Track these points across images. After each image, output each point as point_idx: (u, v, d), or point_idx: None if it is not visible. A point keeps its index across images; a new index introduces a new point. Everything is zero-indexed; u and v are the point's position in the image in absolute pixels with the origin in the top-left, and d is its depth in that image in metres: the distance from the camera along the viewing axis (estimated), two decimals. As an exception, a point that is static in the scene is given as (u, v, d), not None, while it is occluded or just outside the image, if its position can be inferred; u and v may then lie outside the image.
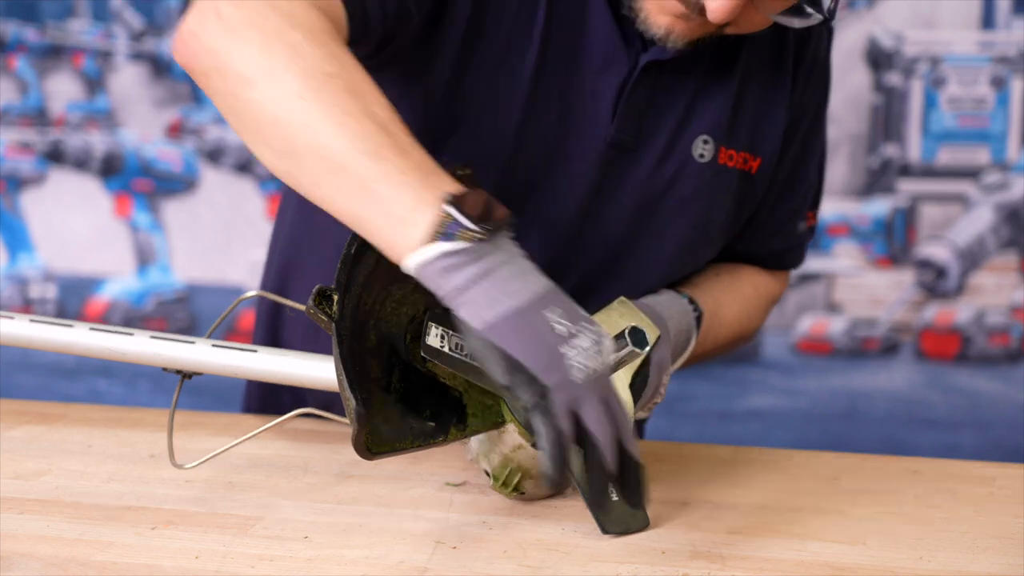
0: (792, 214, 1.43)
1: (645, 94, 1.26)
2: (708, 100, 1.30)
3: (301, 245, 1.38)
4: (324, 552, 1.03)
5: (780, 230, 1.43)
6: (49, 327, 1.18)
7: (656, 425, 1.47)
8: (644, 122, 1.27)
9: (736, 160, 1.32)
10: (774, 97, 1.34)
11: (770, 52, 1.33)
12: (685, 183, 1.30)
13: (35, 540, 1.04)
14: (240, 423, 1.37)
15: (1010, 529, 1.09)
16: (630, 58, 1.25)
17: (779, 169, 1.37)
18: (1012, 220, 2.95)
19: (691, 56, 1.26)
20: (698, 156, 1.29)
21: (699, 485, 1.19)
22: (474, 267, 0.96)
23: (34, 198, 3.22)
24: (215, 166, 3.17)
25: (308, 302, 1.04)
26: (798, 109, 1.37)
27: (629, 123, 1.26)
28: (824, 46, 1.39)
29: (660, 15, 1.20)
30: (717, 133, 1.30)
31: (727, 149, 1.31)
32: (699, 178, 1.30)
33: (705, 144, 1.29)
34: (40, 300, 3.23)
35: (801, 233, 1.46)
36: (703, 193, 1.31)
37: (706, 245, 1.36)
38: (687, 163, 1.29)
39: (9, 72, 3.19)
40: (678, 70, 1.27)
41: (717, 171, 1.31)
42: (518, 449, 1.10)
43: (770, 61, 1.33)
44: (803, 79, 1.37)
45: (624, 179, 1.27)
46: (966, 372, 2.95)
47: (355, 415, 1.00)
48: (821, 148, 1.46)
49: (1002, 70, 2.91)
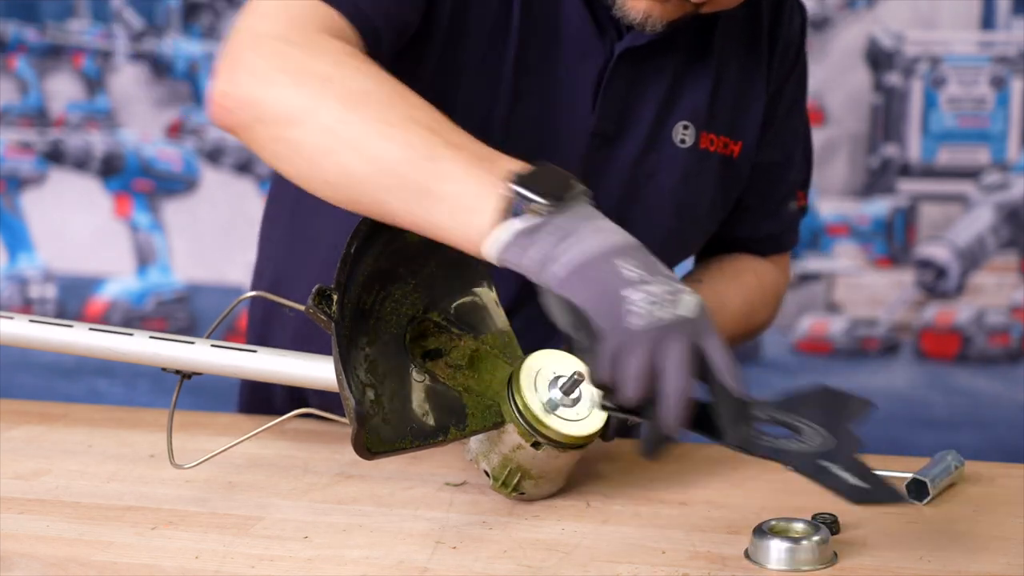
0: (783, 196, 1.45)
1: (624, 82, 1.27)
2: (687, 86, 1.31)
3: (294, 254, 1.38)
4: (324, 552, 1.03)
5: (772, 212, 1.45)
6: (49, 327, 1.18)
7: (656, 425, 1.47)
8: (625, 110, 1.28)
9: (717, 144, 1.34)
10: (751, 81, 1.36)
11: (744, 37, 1.35)
12: (668, 169, 1.31)
13: (35, 540, 1.04)
14: (240, 423, 1.37)
15: (1010, 529, 1.09)
16: (606, 47, 1.26)
17: (763, 152, 1.39)
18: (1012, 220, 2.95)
19: (666, 42, 1.27)
20: (679, 142, 1.31)
21: (699, 485, 1.19)
22: (550, 237, 0.95)
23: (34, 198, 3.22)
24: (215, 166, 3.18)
25: (308, 302, 1.04)
26: (776, 92, 1.39)
27: (610, 112, 1.27)
28: (797, 27, 1.41)
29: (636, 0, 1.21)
30: (697, 118, 1.31)
31: (707, 134, 1.33)
32: (681, 164, 1.31)
33: (685, 130, 1.31)
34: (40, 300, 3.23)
35: (793, 213, 1.48)
36: (686, 179, 1.32)
37: (693, 231, 1.37)
38: (668, 149, 1.31)
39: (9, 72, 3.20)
40: (655, 57, 1.28)
41: (699, 156, 1.32)
42: (518, 449, 1.10)
43: (744, 46, 1.35)
44: (778, 62, 1.39)
45: (608, 167, 1.28)
46: (966, 372, 2.95)
47: (355, 415, 1.00)
48: (805, 128, 1.47)
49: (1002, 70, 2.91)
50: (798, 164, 1.46)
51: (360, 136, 1.01)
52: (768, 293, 1.47)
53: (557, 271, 0.95)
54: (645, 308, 0.93)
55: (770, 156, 1.41)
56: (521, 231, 0.96)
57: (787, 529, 1.03)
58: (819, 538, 1.01)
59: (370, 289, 1.07)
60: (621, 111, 1.28)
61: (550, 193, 0.96)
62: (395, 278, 1.10)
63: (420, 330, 1.11)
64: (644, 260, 0.95)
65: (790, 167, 1.45)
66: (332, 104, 1.01)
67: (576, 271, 0.94)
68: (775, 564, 1.00)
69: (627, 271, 0.94)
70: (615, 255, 0.95)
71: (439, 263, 1.12)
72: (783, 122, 1.41)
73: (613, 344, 0.93)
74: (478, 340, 1.13)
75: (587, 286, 0.94)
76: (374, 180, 1.01)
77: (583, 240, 0.95)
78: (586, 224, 0.96)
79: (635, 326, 0.93)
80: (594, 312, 0.93)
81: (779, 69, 1.39)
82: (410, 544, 1.04)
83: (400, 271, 1.10)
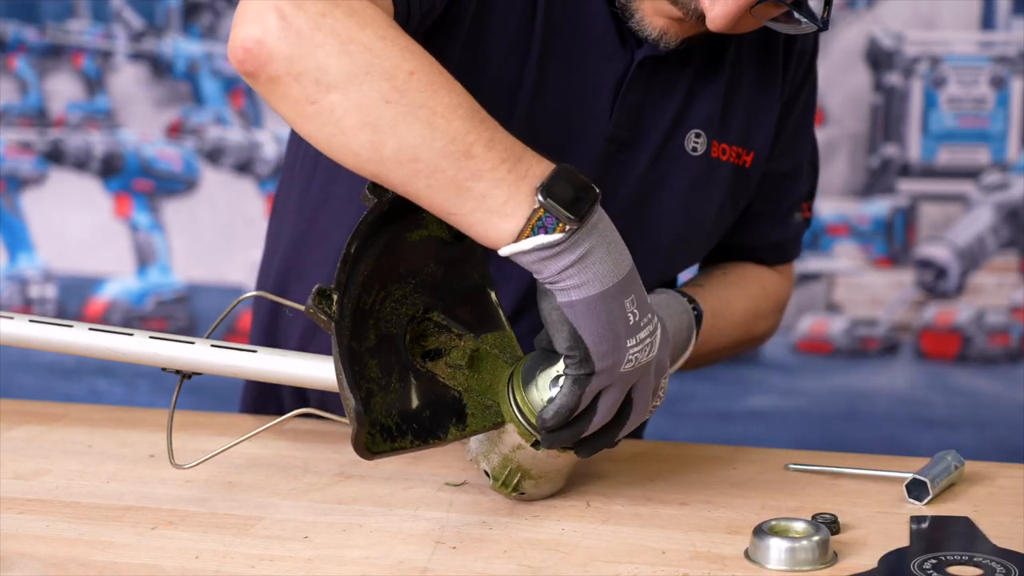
0: (790, 206, 1.45)
1: (641, 89, 1.27)
2: (700, 95, 1.31)
3: (303, 248, 1.38)
4: (324, 552, 1.03)
5: (779, 222, 1.45)
6: (49, 327, 1.18)
7: (656, 425, 1.47)
8: (641, 117, 1.28)
9: (729, 154, 1.34)
10: (766, 92, 1.36)
11: (760, 49, 1.35)
12: (678, 176, 1.31)
13: (35, 540, 1.04)
14: (240, 423, 1.37)
15: (1010, 529, 1.09)
16: (626, 54, 1.26)
17: (773, 162, 1.39)
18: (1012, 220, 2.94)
19: (684, 52, 1.27)
20: (691, 150, 1.32)
21: (699, 485, 1.19)
22: (568, 255, 1.00)
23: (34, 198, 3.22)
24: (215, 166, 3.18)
25: (308, 302, 1.04)
26: (789, 101, 1.40)
27: (626, 118, 1.27)
28: (811, 41, 1.41)
29: (655, 17, 1.22)
30: (709, 127, 1.32)
31: (719, 143, 1.33)
32: (692, 171, 1.32)
33: (697, 138, 1.31)
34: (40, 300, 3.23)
35: (798, 224, 1.48)
36: (697, 186, 1.32)
37: (700, 238, 1.37)
38: (681, 157, 1.31)
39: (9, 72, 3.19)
40: (673, 65, 1.28)
41: (710, 164, 1.33)
42: (518, 449, 1.10)
43: (760, 57, 1.35)
44: (792, 74, 1.39)
45: (621, 173, 1.28)
46: (966, 372, 2.95)
47: (355, 415, 1.00)
48: (812, 140, 1.48)
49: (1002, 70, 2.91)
50: (806, 175, 1.46)
51: (400, 117, 1.01)
52: (772, 302, 1.47)
53: (571, 293, 1.01)
54: (635, 356, 1.04)
55: (780, 166, 1.41)
56: (542, 245, 1.00)
57: (787, 529, 1.03)
58: (819, 538, 1.01)
59: (370, 289, 1.07)
60: (637, 118, 1.28)
61: (574, 208, 0.99)
62: (395, 278, 1.10)
63: (420, 330, 1.11)
64: (639, 295, 1.04)
65: (798, 177, 1.45)
66: (376, 79, 1.01)
67: (587, 303, 1.01)
68: (775, 564, 1.00)
69: (630, 313, 1.03)
70: (623, 293, 1.02)
71: (439, 263, 1.12)
72: (794, 132, 1.42)
73: (603, 380, 1.04)
74: (478, 340, 1.13)
75: (595, 322, 1.01)
76: (406, 164, 1.01)
77: (597, 264, 1.01)
78: (602, 246, 1.01)
79: (626, 370, 1.04)
80: (594, 349, 1.02)
81: (793, 79, 1.39)
82: (410, 544, 1.04)
83: (400, 271, 1.10)
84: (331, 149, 1.04)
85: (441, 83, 1.03)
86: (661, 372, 1.13)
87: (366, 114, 1.01)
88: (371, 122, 1.01)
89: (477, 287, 1.15)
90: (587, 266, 1.00)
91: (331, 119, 1.02)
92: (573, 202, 0.99)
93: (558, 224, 0.99)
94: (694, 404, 2.93)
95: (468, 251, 1.13)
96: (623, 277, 1.02)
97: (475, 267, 1.14)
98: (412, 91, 1.01)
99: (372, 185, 1.07)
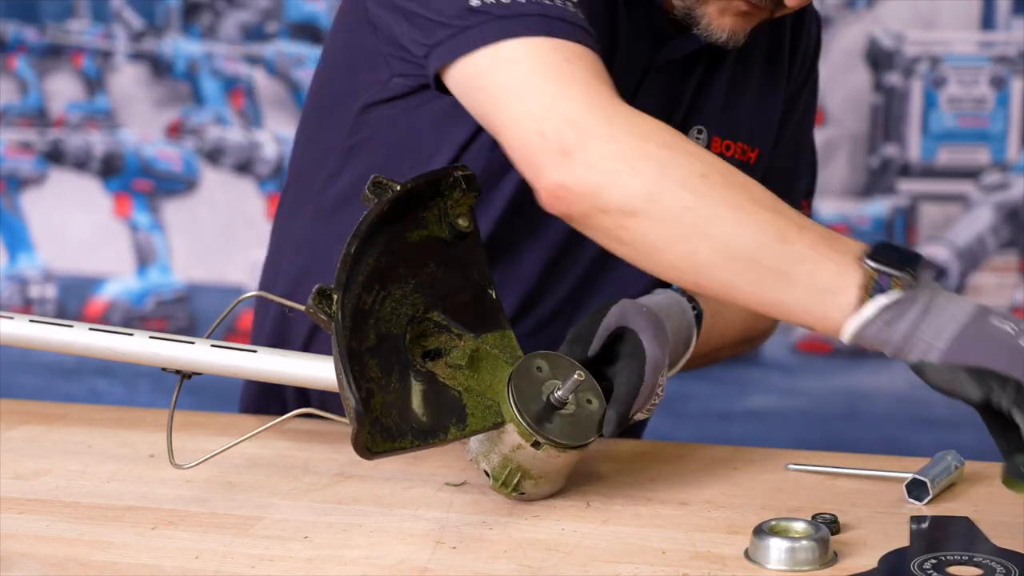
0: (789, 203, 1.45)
1: (656, 90, 1.28)
2: (705, 92, 1.33)
3: (318, 251, 1.37)
4: (324, 552, 1.03)
5: None
6: (49, 327, 1.18)
7: (656, 425, 1.47)
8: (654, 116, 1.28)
9: (734, 150, 1.35)
10: (772, 89, 1.37)
11: (767, 45, 1.36)
12: None
13: (35, 540, 1.04)
14: (240, 423, 1.37)
15: (1010, 529, 1.09)
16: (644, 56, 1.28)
17: (774, 159, 1.40)
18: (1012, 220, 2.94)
19: (696, 52, 1.28)
20: None
21: (699, 485, 1.19)
22: (915, 308, 0.99)
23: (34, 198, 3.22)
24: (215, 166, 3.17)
25: (308, 301, 1.04)
26: (791, 98, 1.41)
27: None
28: (814, 36, 1.43)
29: (723, 17, 1.22)
30: (711, 124, 1.33)
31: (722, 139, 1.33)
32: None
33: (699, 134, 1.32)
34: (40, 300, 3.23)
35: None
36: None
37: None
38: None
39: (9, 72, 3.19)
40: (684, 66, 1.29)
41: None
42: (518, 449, 1.10)
43: (767, 54, 1.36)
44: (796, 72, 1.41)
45: None
46: (966, 372, 2.94)
47: (355, 415, 1.00)
48: (811, 139, 1.49)
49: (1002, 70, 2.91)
50: (805, 172, 1.48)
51: (708, 222, 1.01)
52: None
53: (935, 343, 0.99)
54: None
55: (781, 162, 1.42)
56: (886, 306, 0.99)
57: (787, 529, 1.03)
58: (819, 538, 1.01)
59: (370, 289, 1.07)
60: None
61: (901, 265, 0.99)
62: (395, 278, 1.10)
63: (420, 330, 1.11)
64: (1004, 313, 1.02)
65: (798, 174, 1.47)
66: (675, 190, 1.02)
67: (959, 339, 0.98)
68: (775, 564, 1.00)
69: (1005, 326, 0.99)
70: (984, 314, 1.00)
71: (439, 263, 1.12)
72: (795, 128, 1.43)
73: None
74: (478, 340, 1.13)
75: (983, 346, 0.98)
76: (725, 265, 1.02)
77: (946, 309, 0.99)
78: (939, 295, 1.00)
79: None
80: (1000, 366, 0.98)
81: (797, 76, 1.41)
82: (410, 544, 1.05)
83: (400, 271, 1.10)
84: (653, 267, 1.07)
85: (735, 179, 1.04)
86: (659, 371, 1.13)
87: (673, 228, 1.02)
88: (681, 234, 1.02)
89: (477, 287, 1.15)
90: (936, 314, 0.99)
91: (644, 240, 1.04)
92: (898, 260, 0.99)
93: (892, 281, 0.98)
94: (694, 404, 2.92)
95: (468, 251, 1.13)
96: (976, 307, 1.00)
97: (475, 267, 1.14)
98: (710, 194, 1.02)
99: (372, 185, 1.07)
